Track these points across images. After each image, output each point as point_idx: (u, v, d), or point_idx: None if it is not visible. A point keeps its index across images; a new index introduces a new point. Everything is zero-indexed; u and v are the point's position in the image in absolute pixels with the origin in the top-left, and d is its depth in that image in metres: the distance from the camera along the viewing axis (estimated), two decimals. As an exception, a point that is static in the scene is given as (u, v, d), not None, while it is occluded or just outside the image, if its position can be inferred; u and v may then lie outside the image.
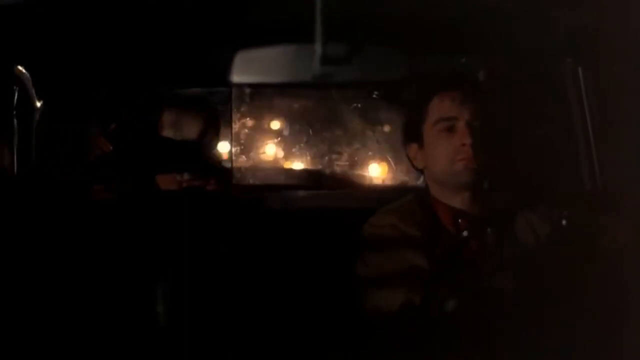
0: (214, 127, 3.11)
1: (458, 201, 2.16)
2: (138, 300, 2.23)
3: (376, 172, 3.26)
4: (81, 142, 3.16)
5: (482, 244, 2.10)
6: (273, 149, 3.26)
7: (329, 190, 3.07)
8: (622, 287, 1.89)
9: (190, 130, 3.03)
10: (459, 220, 2.14)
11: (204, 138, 3.05)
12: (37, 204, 2.44)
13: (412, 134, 2.23)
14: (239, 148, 3.08)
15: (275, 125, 3.27)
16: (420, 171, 2.26)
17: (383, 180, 3.24)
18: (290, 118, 3.27)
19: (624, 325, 1.81)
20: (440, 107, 2.16)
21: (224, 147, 3.30)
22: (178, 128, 3.05)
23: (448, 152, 2.13)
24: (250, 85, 2.82)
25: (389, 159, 3.25)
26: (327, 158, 3.22)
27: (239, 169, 3.05)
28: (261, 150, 3.17)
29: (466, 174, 2.12)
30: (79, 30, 2.19)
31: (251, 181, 3.08)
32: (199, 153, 3.01)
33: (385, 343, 1.95)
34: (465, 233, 2.09)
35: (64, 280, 2.23)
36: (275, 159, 3.23)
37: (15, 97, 2.57)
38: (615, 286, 1.90)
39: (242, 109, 3.10)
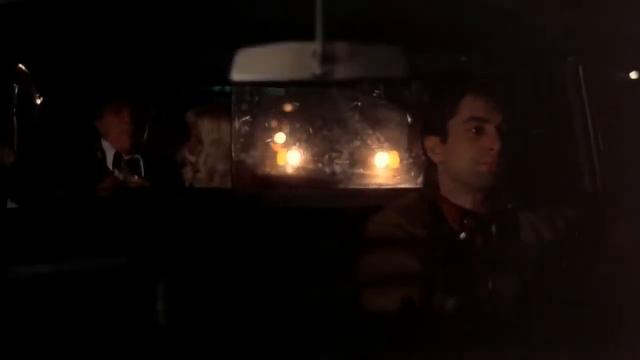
0: None
1: (468, 201, 2.16)
2: (138, 301, 2.23)
3: (376, 170, 3.26)
4: (81, 140, 3.16)
5: (486, 244, 2.11)
6: (273, 147, 3.25)
7: (329, 189, 3.07)
8: (622, 287, 1.90)
9: (227, 132, 3.03)
10: (465, 221, 2.14)
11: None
12: (37, 202, 2.44)
13: (435, 127, 2.21)
14: (239, 146, 3.08)
15: (275, 123, 3.27)
16: (434, 164, 2.25)
17: (383, 179, 3.24)
18: (290, 116, 3.26)
19: (624, 325, 1.82)
20: (472, 106, 2.14)
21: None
22: (218, 132, 3.04)
23: (473, 153, 2.12)
24: (250, 84, 2.81)
25: (389, 158, 3.25)
26: (327, 156, 3.22)
27: (239, 167, 3.05)
28: (261, 149, 3.17)
29: (488, 177, 2.12)
30: (79, 28, 2.19)
31: (251, 179, 3.08)
32: None
33: (384, 343, 1.95)
34: (463, 235, 2.10)
35: (63, 279, 2.23)
36: (275, 157, 3.23)
37: (16, 95, 2.57)
38: (616, 286, 1.90)
39: (243, 107, 3.09)
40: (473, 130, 2.13)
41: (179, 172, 3.18)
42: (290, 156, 3.24)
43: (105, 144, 3.18)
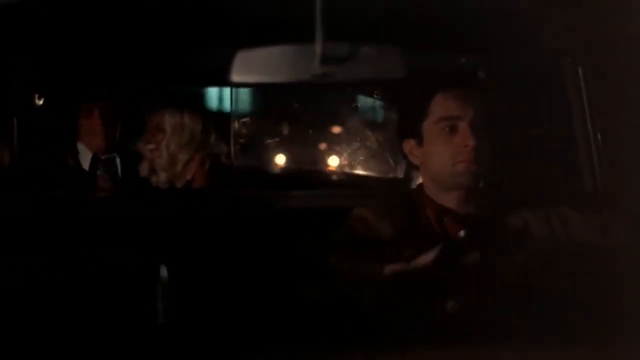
0: None
1: (450, 200, 2.15)
2: (137, 300, 2.23)
3: (375, 171, 3.26)
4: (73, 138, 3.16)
5: (472, 244, 2.10)
6: (272, 148, 3.26)
7: (329, 189, 3.07)
8: (622, 287, 1.89)
9: (190, 119, 3.01)
10: (444, 219, 2.14)
11: None
12: (36, 202, 2.44)
13: (410, 130, 2.20)
14: (238, 147, 3.09)
15: (275, 124, 3.27)
16: (416, 167, 2.25)
17: (382, 179, 3.24)
18: (290, 117, 3.27)
19: (623, 325, 1.81)
20: (443, 106, 2.13)
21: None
22: (181, 118, 3.03)
23: (449, 153, 2.11)
24: (250, 85, 2.81)
25: (388, 158, 3.25)
26: (327, 157, 3.22)
27: (239, 168, 3.05)
28: (261, 150, 3.17)
29: (466, 176, 2.11)
30: (79, 28, 2.19)
31: (250, 180, 3.08)
32: None
33: (378, 341, 1.94)
34: (462, 233, 2.09)
35: (62, 279, 2.23)
36: (275, 158, 3.23)
37: (16, 95, 2.57)
38: (615, 286, 1.90)
39: (242, 108, 3.10)
40: (446, 129, 2.12)
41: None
42: (289, 157, 3.24)
43: (80, 146, 3.17)
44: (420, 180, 2.27)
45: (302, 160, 3.26)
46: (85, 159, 3.18)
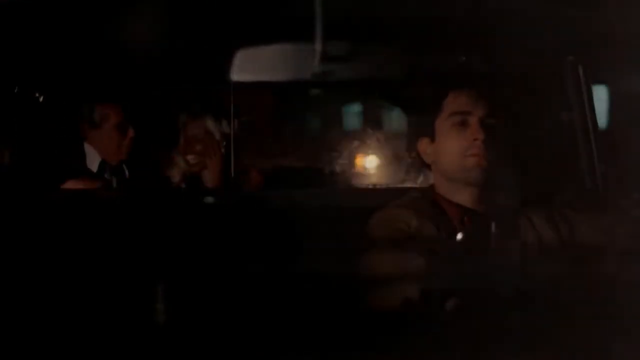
0: None
1: (464, 198, 2.17)
2: (136, 301, 2.23)
3: (376, 170, 3.26)
4: (80, 140, 3.16)
5: (486, 242, 2.10)
6: (273, 148, 3.26)
7: (329, 189, 3.07)
8: (622, 287, 1.90)
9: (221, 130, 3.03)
10: (465, 218, 2.15)
11: None
12: (36, 202, 2.44)
13: (424, 128, 2.23)
14: (238, 146, 3.08)
15: (275, 123, 3.27)
16: (428, 166, 2.26)
17: (383, 179, 3.24)
18: (290, 116, 3.27)
19: (623, 325, 1.82)
20: (454, 102, 2.17)
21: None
22: (215, 129, 3.04)
23: (459, 147, 2.14)
24: (250, 84, 2.82)
25: (389, 158, 3.25)
26: (327, 156, 3.22)
27: (238, 167, 3.05)
28: (261, 149, 3.17)
29: (476, 170, 2.12)
30: (80, 28, 2.19)
31: (250, 180, 3.08)
32: None
33: (387, 343, 1.95)
34: (459, 235, 2.10)
35: (62, 278, 2.23)
36: (275, 158, 3.23)
37: (16, 95, 2.57)
38: (615, 286, 1.90)
39: (242, 107, 3.10)
40: (457, 124, 2.15)
41: (165, 175, 3.15)
42: (290, 156, 3.24)
43: (88, 147, 3.16)
44: (428, 180, 2.28)
45: (302, 159, 3.26)
46: (92, 161, 3.17)
